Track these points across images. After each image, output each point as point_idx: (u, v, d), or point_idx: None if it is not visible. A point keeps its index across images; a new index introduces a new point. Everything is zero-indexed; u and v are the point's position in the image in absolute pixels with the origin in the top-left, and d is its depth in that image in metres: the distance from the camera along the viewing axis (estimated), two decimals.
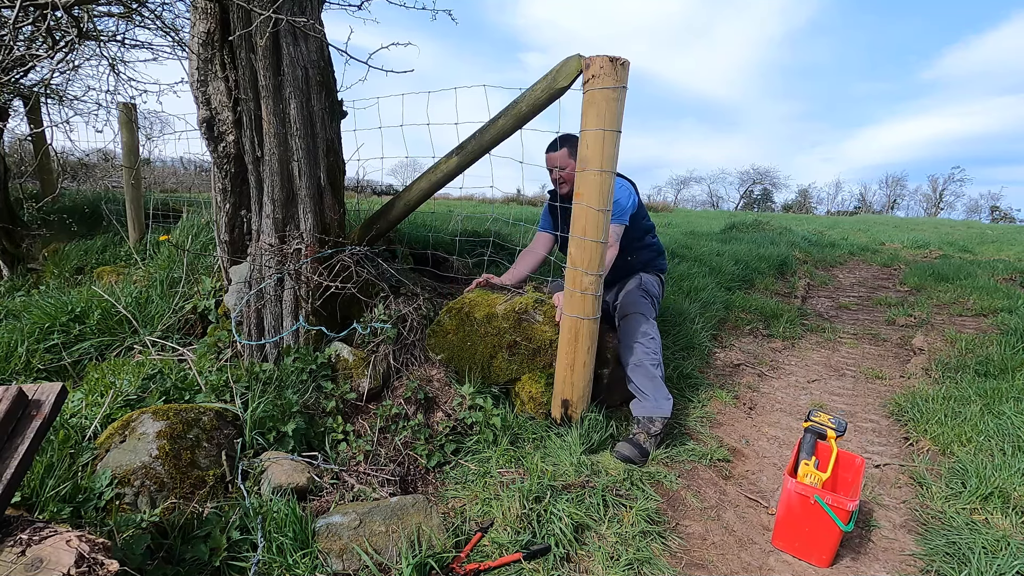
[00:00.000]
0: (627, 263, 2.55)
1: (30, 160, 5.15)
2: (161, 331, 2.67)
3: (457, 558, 1.53)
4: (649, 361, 2.25)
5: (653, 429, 2.16)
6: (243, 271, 2.50)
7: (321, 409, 2.09)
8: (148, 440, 1.62)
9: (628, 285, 2.58)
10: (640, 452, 2.07)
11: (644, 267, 2.62)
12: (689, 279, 4.55)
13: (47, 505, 1.37)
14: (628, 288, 2.55)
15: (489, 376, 2.28)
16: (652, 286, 2.57)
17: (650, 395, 2.20)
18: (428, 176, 2.44)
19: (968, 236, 11.32)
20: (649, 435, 2.15)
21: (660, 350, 2.32)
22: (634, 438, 2.13)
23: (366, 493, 1.78)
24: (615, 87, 1.84)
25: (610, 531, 1.68)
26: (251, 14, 2.10)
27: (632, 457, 2.04)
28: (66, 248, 4.07)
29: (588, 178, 1.93)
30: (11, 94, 3.72)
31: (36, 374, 2.41)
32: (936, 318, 4.24)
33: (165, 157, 5.83)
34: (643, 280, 2.57)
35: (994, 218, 46.56)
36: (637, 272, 2.61)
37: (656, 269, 2.66)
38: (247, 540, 1.47)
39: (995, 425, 2.27)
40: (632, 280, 2.60)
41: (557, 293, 2.24)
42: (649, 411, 2.18)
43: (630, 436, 2.15)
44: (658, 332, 2.37)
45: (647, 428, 2.16)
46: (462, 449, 2.09)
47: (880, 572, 1.64)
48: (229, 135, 2.40)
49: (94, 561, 0.95)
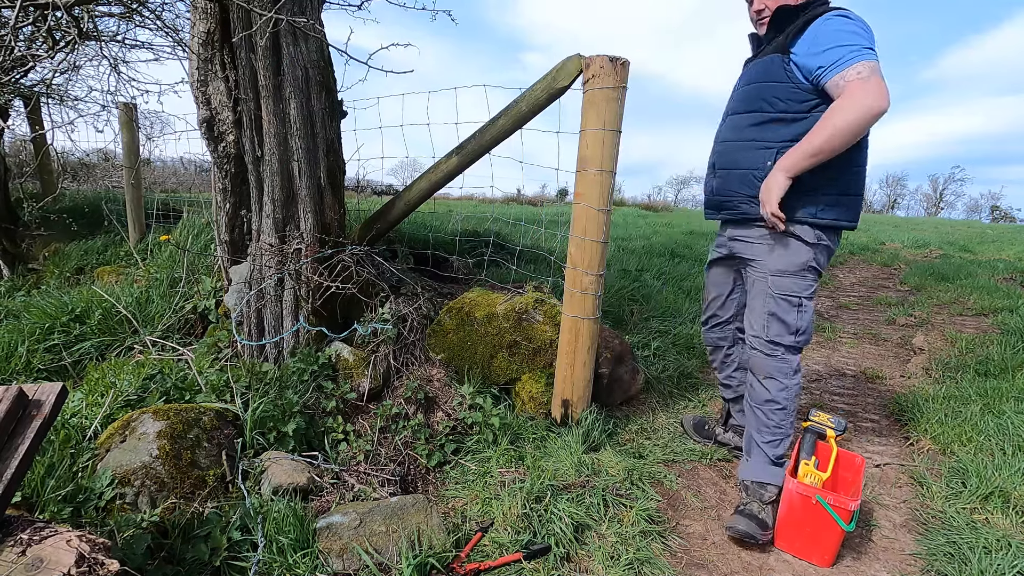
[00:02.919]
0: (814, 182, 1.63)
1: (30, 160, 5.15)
2: (161, 331, 2.68)
3: (457, 558, 1.53)
4: (786, 397, 1.78)
5: (767, 496, 1.77)
6: (243, 271, 2.50)
7: (321, 409, 2.09)
8: (148, 440, 1.62)
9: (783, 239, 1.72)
10: (760, 526, 1.70)
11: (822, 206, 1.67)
12: (689, 279, 4.55)
13: (47, 505, 1.37)
14: (785, 242, 1.72)
15: (489, 376, 2.28)
16: (826, 252, 1.74)
17: (767, 452, 1.81)
18: (428, 176, 2.44)
19: (968, 236, 11.31)
20: (763, 503, 1.76)
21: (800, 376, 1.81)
22: (746, 508, 1.76)
23: (366, 493, 1.78)
24: (615, 87, 1.84)
25: (610, 531, 1.68)
26: (251, 14, 2.10)
27: (752, 533, 1.68)
28: (66, 248, 4.07)
29: (588, 178, 1.93)
30: (11, 94, 3.72)
31: (36, 374, 2.41)
32: (936, 318, 4.24)
33: (165, 157, 5.84)
34: (817, 236, 1.70)
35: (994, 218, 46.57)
36: (807, 206, 1.66)
37: (842, 214, 1.69)
38: (247, 540, 1.48)
39: (995, 425, 2.27)
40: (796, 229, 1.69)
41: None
42: (760, 474, 1.80)
43: (741, 507, 1.77)
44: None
45: (760, 496, 1.78)
46: (462, 449, 2.09)
47: (880, 572, 1.64)
48: (229, 135, 2.40)
49: (94, 561, 0.95)
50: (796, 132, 1.64)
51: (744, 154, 1.76)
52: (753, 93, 1.74)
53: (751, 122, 1.74)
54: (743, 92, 1.79)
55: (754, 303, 1.84)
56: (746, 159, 1.75)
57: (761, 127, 1.72)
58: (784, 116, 1.67)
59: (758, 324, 1.82)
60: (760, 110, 1.72)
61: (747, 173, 1.75)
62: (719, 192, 1.87)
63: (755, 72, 1.75)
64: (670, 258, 5.49)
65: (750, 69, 1.80)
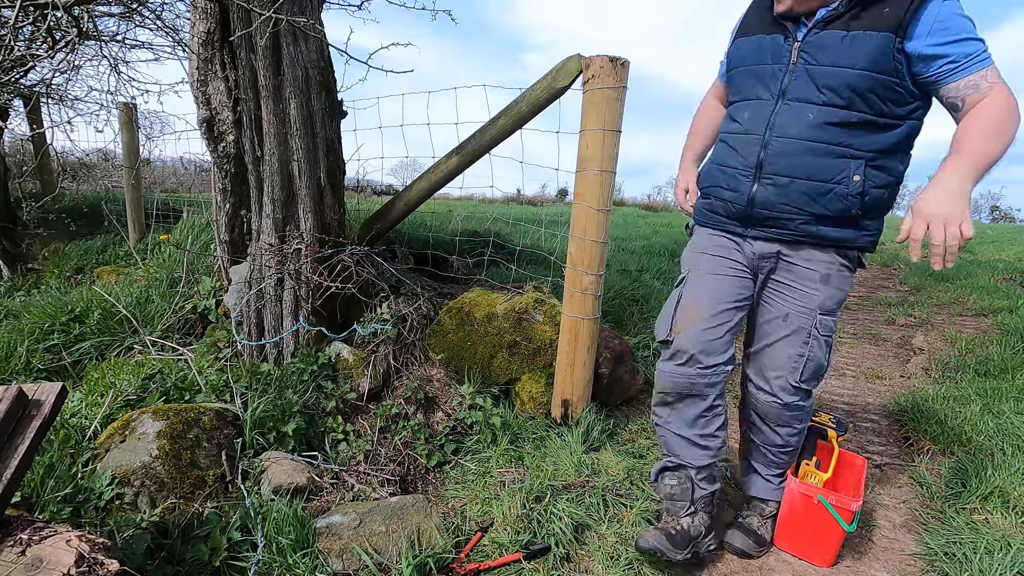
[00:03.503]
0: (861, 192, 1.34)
1: (30, 160, 5.15)
2: (161, 331, 2.67)
3: (457, 558, 1.53)
4: (797, 440, 1.67)
5: (768, 511, 1.72)
6: (243, 271, 2.50)
7: (321, 409, 2.09)
8: (148, 440, 1.62)
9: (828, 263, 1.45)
10: (757, 542, 1.66)
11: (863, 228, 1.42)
12: None
13: (47, 505, 1.37)
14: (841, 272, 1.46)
15: (489, 376, 2.28)
16: (850, 279, 1.51)
17: (771, 479, 1.72)
18: (428, 176, 2.44)
19: None
20: (763, 517, 1.72)
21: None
22: (745, 521, 1.70)
23: (366, 493, 1.78)
24: (615, 87, 1.84)
25: (610, 531, 1.68)
26: (251, 14, 2.09)
27: (748, 550, 1.64)
28: (66, 248, 4.07)
29: (588, 178, 1.93)
30: (11, 94, 3.72)
31: (36, 374, 2.41)
32: (936, 318, 4.24)
33: (165, 157, 5.83)
34: (851, 259, 1.48)
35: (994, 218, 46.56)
36: (857, 226, 1.41)
37: (872, 235, 1.45)
38: (247, 540, 1.47)
39: (995, 425, 2.27)
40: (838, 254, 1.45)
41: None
42: (762, 491, 1.73)
43: (740, 520, 1.72)
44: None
45: (760, 510, 1.73)
46: (462, 449, 2.09)
47: (880, 572, 1.64)
48: (229, 135, 2.40)
49: (94, 561, 0.95)
50: (886, 143, 1.32)
51: (820, 160, 1.33)
52: (842, 80, 1.28)
53: (835, 119, 1.31)
54: (822, 74, 1.31)
55: (785, 343, 1.50)
56: (822, 167, 1.33)
57: (850, 130, 1.31)
58: (879, 120, 1.30)
59: (786, 367, 1.50)
60: (850, 106, 1.30)
61: (821, 186, 1.34)
62: (768, 205, 1.40)
63: (843, 51, 1.29)
64: (670, 258, 5.49)
65: (824, 41, 1.31)
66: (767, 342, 1.55)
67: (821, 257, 1.44)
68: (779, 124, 1.37)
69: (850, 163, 1.32)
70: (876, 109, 1.29)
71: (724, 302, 1.52)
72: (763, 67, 1.41)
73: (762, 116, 1.41)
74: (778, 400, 1.55)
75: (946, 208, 1.16)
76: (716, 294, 1.53)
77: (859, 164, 1.32)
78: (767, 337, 1.55)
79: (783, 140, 1.37)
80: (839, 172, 1.33)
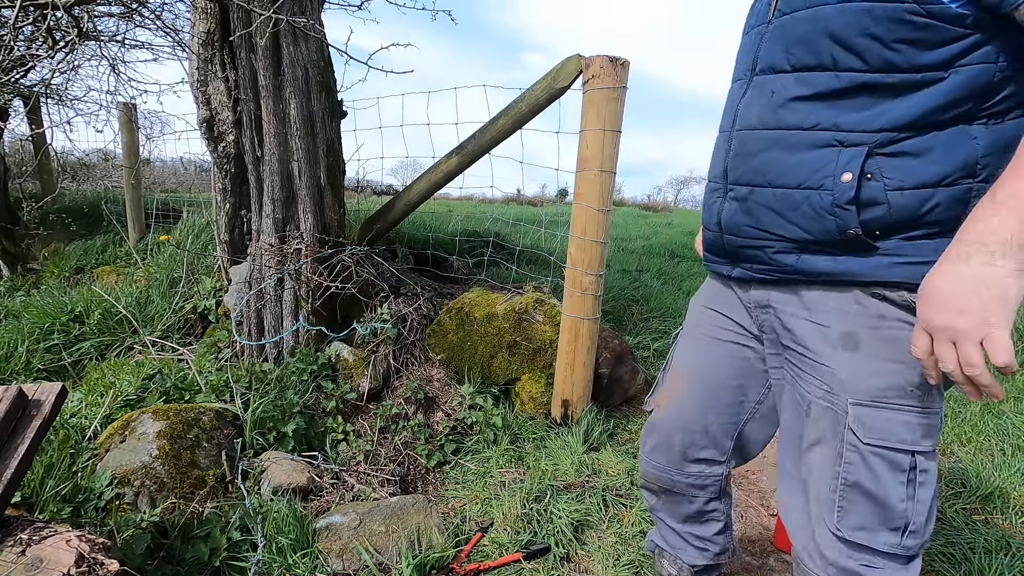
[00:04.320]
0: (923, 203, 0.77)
1: (30, 160, 5.15)
2: (161, 331, 2.68)
3: (457, 558, 1.53)
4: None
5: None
6: (243, 271, 2.50)
7: (321, 409, 2.09)
8: (148, 440, 1.62)
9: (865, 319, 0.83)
10: None
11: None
12: (689, 279, 4.55)
13: (47, 505, 1.37)
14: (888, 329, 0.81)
15: (489, 376, 2.28)
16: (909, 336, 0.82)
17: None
18: (428, 176, 2.44)
19: None
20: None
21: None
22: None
23: (366, 493, 1.78)
24: (615, 87, 1.84)
25: (610, 531, 1.68)
26: (251, 14, 2.10)
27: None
28: (66, 248, 4.07)
29: (588, 178, 1.93)
30: (11, 94, 3.72)
31: (36, 374, 2.41)
32: None
33: (165, 157, 5.85)
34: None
35: None
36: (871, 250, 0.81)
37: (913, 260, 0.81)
38: (247, 540, 1.47)
39: (995, 425, 2.27)
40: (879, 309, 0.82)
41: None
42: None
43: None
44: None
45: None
46: (462, 449, 2.09)
47: None
48: (229, 135, 2.40)
49: (94, 561, 0.95)
50: (912, 114, 0.76)
51: (785, 156, 0.86)
52: (817, 27, 0.81)
53: (807, 90, 0.83)
54: (791, 25, 0.85)
55: (811, 464, 0.91)
56: (789, 166, 0.85)
57: (834, 103, 0.81)
58: (887, 79, 0.77)
59: (821, 504, 0.89)
60: (833, 64, 0.80)
61: (788, 196, 0.85)
62: (734, 228, 0.94)
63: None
64: (670, 258, 5.49)
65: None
66: (785, 455, 0.99)
67: (833, 301, 0.86)
68: (742, 112, 0.94)
69: (836, 154, 0.80)
70: (880, 61, 0.76)
71: (711, 377, 1.09)
72: (747, 37, 0.97)
73: (731, 105, 0.98)
74: (809, 569, 0.91)
75: (955, 310, 0.67)
76: (702, 365, 1.10)
77: (854, 155, 0.79)
78: (785, 446, 0.99)
79: (742, 134, 0.93)
80: (814, 171, 0.82)
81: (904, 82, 0.77)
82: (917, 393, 0.80)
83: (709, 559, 1.25)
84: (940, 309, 0.68)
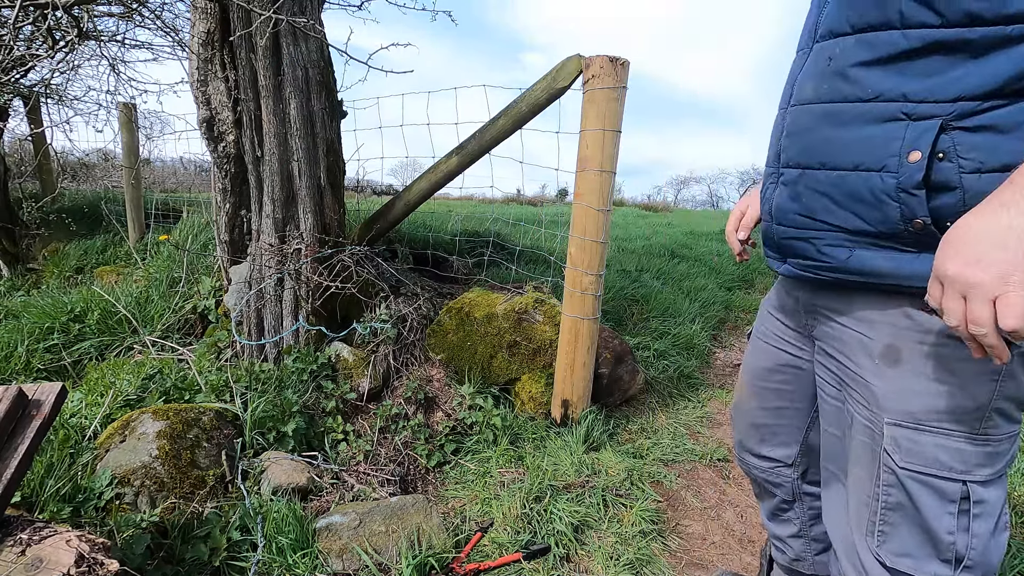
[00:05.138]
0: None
1: (30, 160, 5.15)
2: (161, 331, 2.68)
3: (457, 558, 1.53)
4: None
5: None
6: (243, 271, 2.50)
7: (321, 409, 2.09)
8: (148, 440, 1.62)
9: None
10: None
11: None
12: (689, 279, 4.55)
13: (47, 505, 1.37)
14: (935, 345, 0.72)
15: (489, 376, 2.28)
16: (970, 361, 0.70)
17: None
18: (428, 176, 2.44)
19: None
20: None
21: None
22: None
23: (366, 493, 1.78)
24: (615, 87, 1.84)
25: (610, 531, 1.68)
26: (251, 14, 2.10)
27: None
28: (66, 248, 4.07)
29: (588, 178, 1.93)
30: (11, 94, 3.72)
31: (36, 374, 2.41)
32: None
33: (165, 157, 5.85)
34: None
35: None
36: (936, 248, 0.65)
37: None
38: (247, 540, 1.47)
39: None
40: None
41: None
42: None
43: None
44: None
45: None
46: (462, 449, 2.09)
47: None
48: (229, 135, 2.40)
49: (94, 561, 0.95)
50: (997, 79, 0.63)
51: (841, 132, 0.75)
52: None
53: (869, 55, 0.72)
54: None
55: (852, 478, 0.85)
56: (844, 144, 0.75)
57: (903, 67, 0.69)
58: (966, 35, 0.64)
59: (859, 529, 0.83)
60: (903, 21, 0.68)
61: (842, 178, 0.75)
62: (783, 217, 0.86)
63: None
64: (670, 258, 5.49)
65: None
66: (828, 460, 0.95)
67: (881, 310, 0.77)
68: (799, 85, 0.83)
69: (903, 129, 0.68)
70: (958, 13, 0.64)
71: (760, 382, 1.07)
72: (812, 5, 0.86)
73: (790, 78, 0.87)
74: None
75: (971, 259, 0.58)
76: (755, 369, 1.09)
77: (924, 129, 0.66)
78: (827, 460, 0.95)
79: (795, 110, 0.83)
80: (876, 149, 0.70)
81: (988, 38, 0.63)
82: (969, 418, 0.71)
83: (786, 561, 1.22)
84: (954, 256, 0.60)
